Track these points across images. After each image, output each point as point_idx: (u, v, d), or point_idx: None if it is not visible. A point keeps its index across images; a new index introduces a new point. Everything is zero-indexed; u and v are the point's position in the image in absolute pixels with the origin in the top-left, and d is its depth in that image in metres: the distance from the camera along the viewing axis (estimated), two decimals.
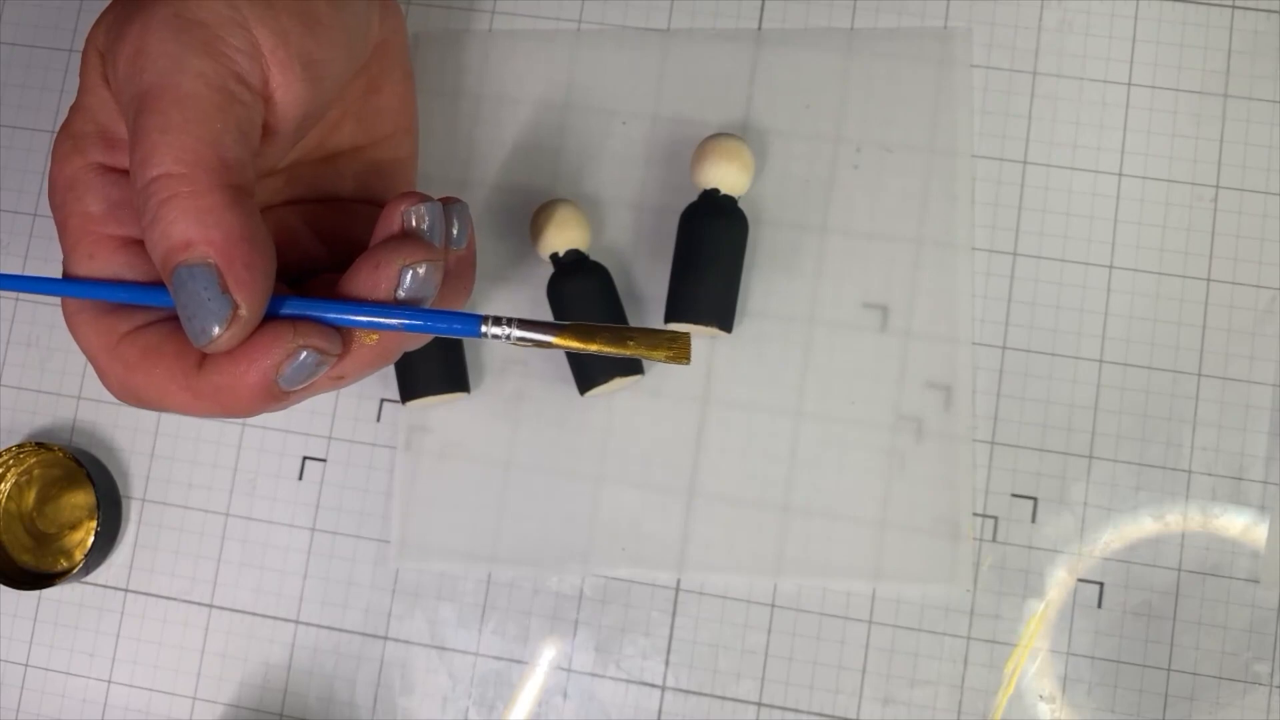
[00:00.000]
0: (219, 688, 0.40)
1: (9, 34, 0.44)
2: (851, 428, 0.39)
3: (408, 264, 0.27)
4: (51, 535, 0.42)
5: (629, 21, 0.42)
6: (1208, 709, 0.38)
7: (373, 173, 0.33)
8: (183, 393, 0.26)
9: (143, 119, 0.25)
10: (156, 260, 0.25)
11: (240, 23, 0.26)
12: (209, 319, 0.24)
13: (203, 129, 0.25)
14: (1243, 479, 0.38)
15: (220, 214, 0.24)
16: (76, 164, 0.27)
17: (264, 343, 0.25)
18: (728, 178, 0.37)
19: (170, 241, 0.24)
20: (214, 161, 0.25)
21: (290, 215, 0.32)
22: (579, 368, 0.38)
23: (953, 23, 0.41)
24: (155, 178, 0.24)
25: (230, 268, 0.24)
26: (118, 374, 0.27)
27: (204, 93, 0.25)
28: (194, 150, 0.24)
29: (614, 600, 0.40)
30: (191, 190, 0.24)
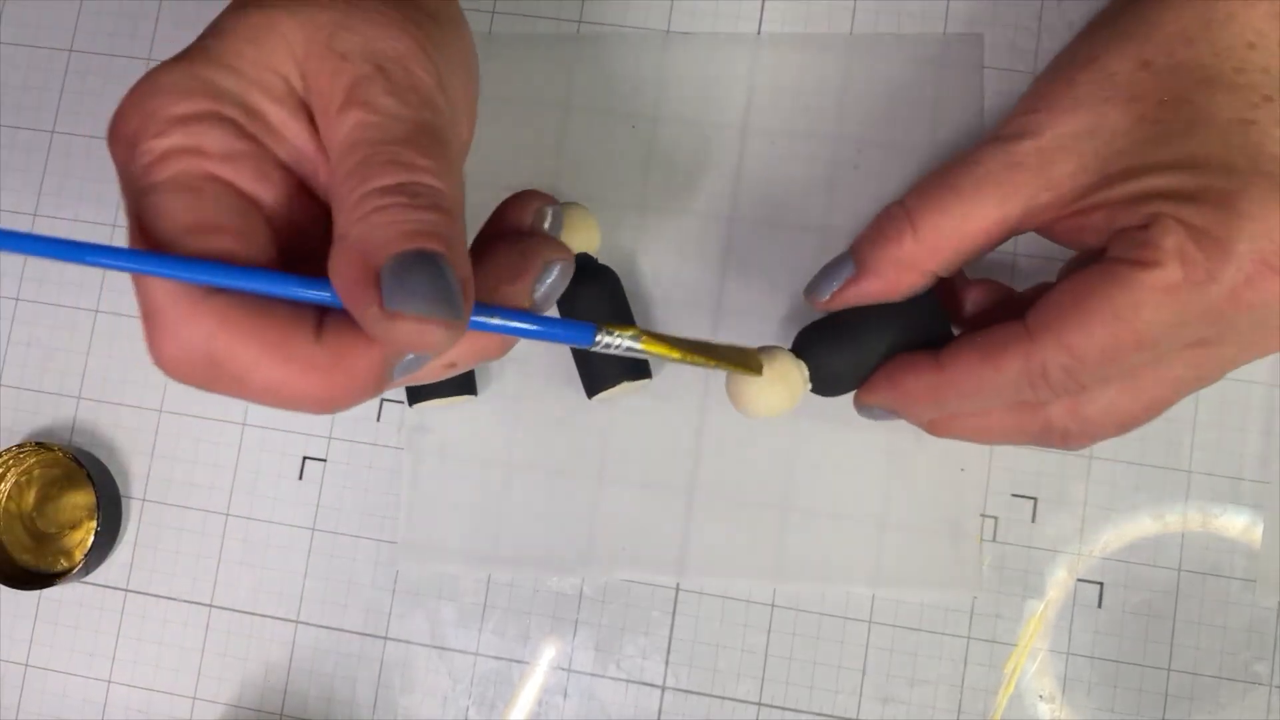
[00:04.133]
0: (219, 688, 0.40)
1: (9, 34, 0.44)
2: (852, 428, 0.39)
3: (551, 260, 0.27)
4: (51, 535, 0.42)
5: (629, 23, 0.42)
6: (1208, 709, 0.38)
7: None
8: (289, 363, 0.24)
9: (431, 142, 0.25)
10: (398, 232, 0.23)
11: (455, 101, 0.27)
12: (443, 303, 0.23)
13: (459, 179, 0.26)
14: (1242, 479, 0.38)
15: (464, 241, 0.25)
16: (201, 104, 0.25)
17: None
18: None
19: (437, 230, 0.24)
20: (462, 201, 0.25)
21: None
22: (587, 371, 0.38)
23: (953, 24, 0.41)
24: (441, 188, 0.24)
25: (468, 293, 0.24)
26: (201, 333, 0.24)
27: (461, 154, 0.27)
28: (457, 189, 0.25)
29: (614, 600, 0.40)
30: (460, 219, 0.25)
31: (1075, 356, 0.28)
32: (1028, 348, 0.29)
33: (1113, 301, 0.28)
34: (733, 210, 0.41)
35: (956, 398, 0.31)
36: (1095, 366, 0.28)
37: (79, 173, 0.43)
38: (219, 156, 0.25)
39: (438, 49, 0.27)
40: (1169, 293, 0.27)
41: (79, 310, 0.43)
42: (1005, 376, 0.30)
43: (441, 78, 0.26)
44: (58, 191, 0.43)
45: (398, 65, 0.26)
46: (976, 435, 0.33)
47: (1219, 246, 0.27)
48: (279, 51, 0.26)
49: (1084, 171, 0.29)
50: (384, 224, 0.23)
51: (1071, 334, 0.28)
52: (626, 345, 0.27)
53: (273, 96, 0.26)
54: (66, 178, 0.43)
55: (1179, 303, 0.27)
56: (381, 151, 0.24)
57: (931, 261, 0.31)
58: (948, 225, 0.31)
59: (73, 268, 0.43)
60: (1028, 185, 0.30)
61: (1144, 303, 0.27)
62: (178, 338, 0.24)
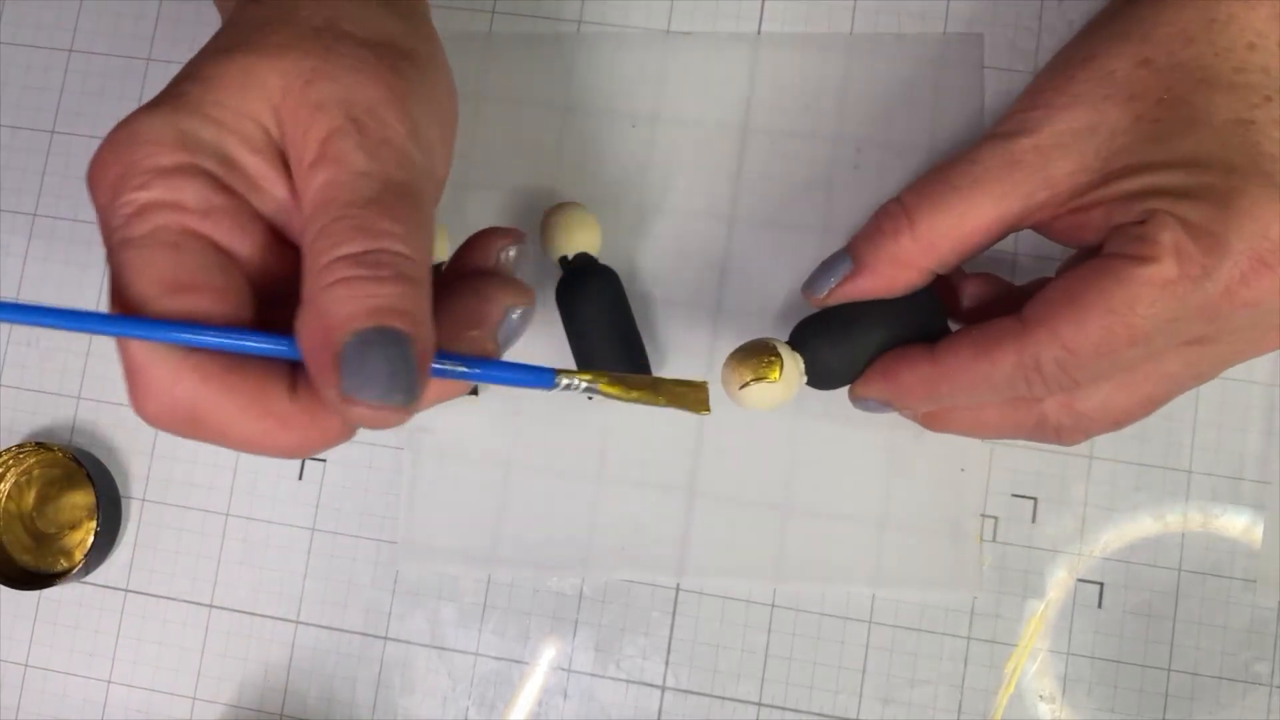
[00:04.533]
0: (219, 688, 0.40)
1: (9, 34, 0.44)
2: (852, 428, 0.39)
3: (511, 305, 0.28)
4: (51, 535, 0.42)
5: (629, 23, 0.42)
6: (1208, 709, 0.38)
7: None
8: (266, 419, 0.25)
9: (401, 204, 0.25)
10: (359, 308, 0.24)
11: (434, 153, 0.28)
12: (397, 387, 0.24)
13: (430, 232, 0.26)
14: (1242, 479, 0.38)
15: (427, 308, 0.25)
16: (181, 157, 0.25)
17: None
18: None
19: (396, 305, 0.24)
20: (429, 262, 0.26)
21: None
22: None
23: (953, 24, 0.41)
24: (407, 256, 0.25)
25: (425, 369, 0.25)
26: (182, 386, 0.24)
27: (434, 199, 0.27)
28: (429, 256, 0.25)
29: (614, 600, 0.40)
30: (426, 289, 0.25)
31: (1069, 351, 0.28)
32: (1022, 342, 0.29)
33: (1108, 296, 0.28)
34: (733, 210, 0.41)
35: (950, 391, 0.31)
36: (1089, 361, 0.28)
37: (79, 173, 0.43)
38: (198, 212, 0.25)
39: (415, 93, 0.27)
40: (1164, 288, 0.27)
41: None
42: (999, 371, 0.30)
43: (417, 125, 0.26)
44: (58, 191, 0.43)
45: (371, 116, 0.26)
46: (972, 430, 0.33)
47: (1215, 243, 0.27)
48: (258, 100, 0.26)
49: (1082, 170, 0.29)
50: (346, 297, 0.24)
51: (1066, 328, 0.28)
52: (585, 387, 0.28)
53: (251, 147, 0.26)
54: (66, 178, 0.43)
55: (1174, 298, 0.27)
56: (348, 215, 0.25)
57: (928, 259, 0.31)
58: (945, 223, 0.31)
59: (74, 260, 0.43)
60: (1026, 183, 0.30)
61: (1139, 298, 0.27)
62: (159, 395, 0.25)
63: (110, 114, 0.43)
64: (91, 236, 0.43)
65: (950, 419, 0.33)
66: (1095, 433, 0.32)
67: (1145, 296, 0.27)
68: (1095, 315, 0.28)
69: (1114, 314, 0.28)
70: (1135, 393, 0.31)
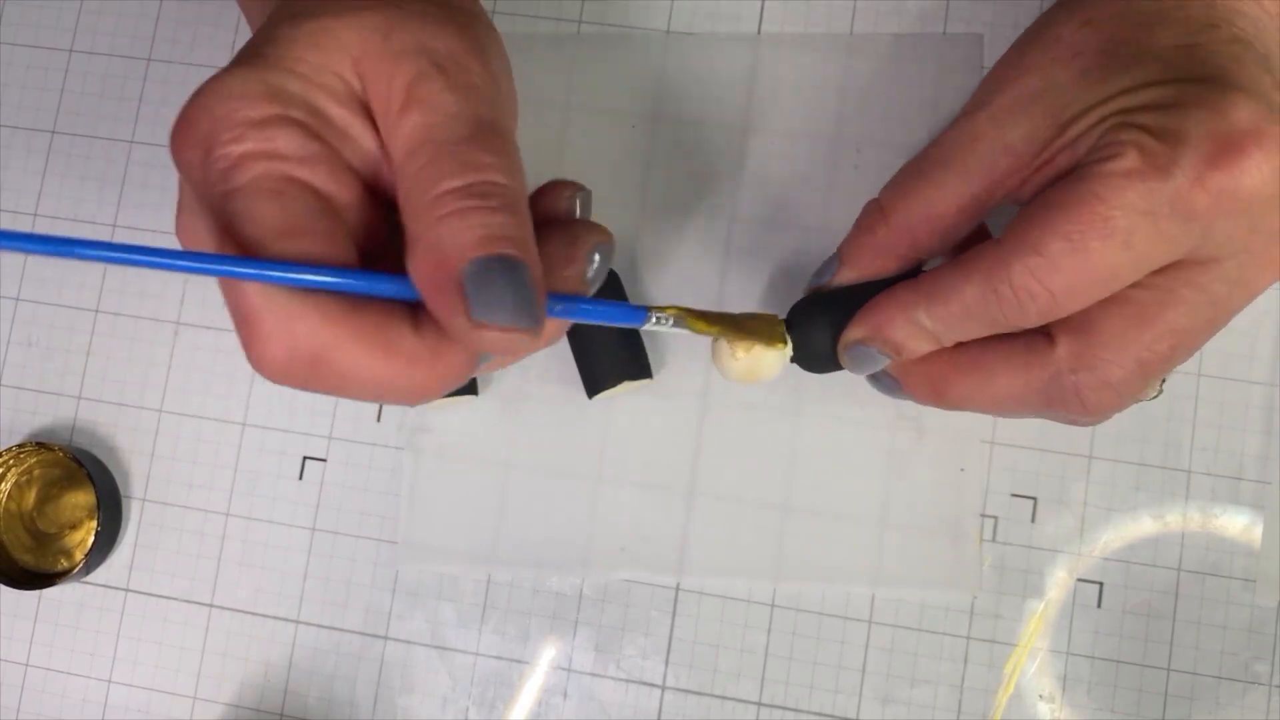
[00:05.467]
0: (219, 688, 0.40)
1: (9, 34, 0.44)
2: (852, 428, 0.39)
3: (598, 243, 0.28)
4: (51, 535, 0.42)
5: (629, 23, 0.42)
6: (1207, 709, 0.38)
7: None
8: (394, 359, 0.25)
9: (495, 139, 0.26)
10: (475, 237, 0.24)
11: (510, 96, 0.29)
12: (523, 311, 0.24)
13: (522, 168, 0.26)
14: (1242, 479, 0.38)
15: (533, 239, 0.25)
16: (271, 109, 0.25)
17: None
18: None
19: (510, 233, 0.24)
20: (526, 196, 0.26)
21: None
22: (587, 371, 0.38)
23: (953, 24, 0.41)
24: (511, 187, 0.25)
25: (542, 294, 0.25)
26: (306, 329, 0.24)
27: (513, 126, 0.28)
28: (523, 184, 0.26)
29: (614, 600, 0.40)
30: (527, 214, 0.26)
31: (1039, 252, 0.27)
32: (993, 250, 0.29)
33: (1073, 194, 0.27)
34: (733, 210, 0.41)
35: (928, 313, 0.30)
36: (1064, 265, 0.27)
37: (79, 173, 0.43)
38: (295, 159, 0.25)
39: (487, 46, 0.28)
40: (1129, 176, 0.27)
41: (79, 310, 0.43)
42: (971, 287, 0.29)
43: (495, 73, 0.27)
44: (58, 192, 0.43)
45: (453, 62, 0.26)
46: (983, 399, 0.32)
47: (1173, 136, 0.27)
48: (338, 56, 0.26)
49: (1037, 130, 0.30)
50: (460, 228, 0.24)
51: (1035, 231, 0.28)
52: (672, 322, 0.30)
53: (336, 99, 0.26)
54: (66, 178, 0.43)
55: (1143, 189, 0.27)
56: (448, 151, 0.25)
57: (903, 245, 0.32)
58: (916, 209, 0.31)
59: (75, 264, 0.43)
60: (986, 154, 0.30)
61: (1106, 189, 0.27)
62: (281, 340, 0.24)
63: (110, 114, 0.43)
64: (92, 237, 0.43)
65: (959, 384, 0.32)
66: (1119, 390, 0.30)
67: (1112, 186, 0.27)
68: (1064, 210, 0.27)
69: (1081, 205, 0.27)
70: (1151, 324, 0.29)
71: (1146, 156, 0.27)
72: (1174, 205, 0.27)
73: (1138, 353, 0.29)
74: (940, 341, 0.31)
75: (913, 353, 0.32)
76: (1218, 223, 0.27)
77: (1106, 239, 0.27)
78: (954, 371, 0.32)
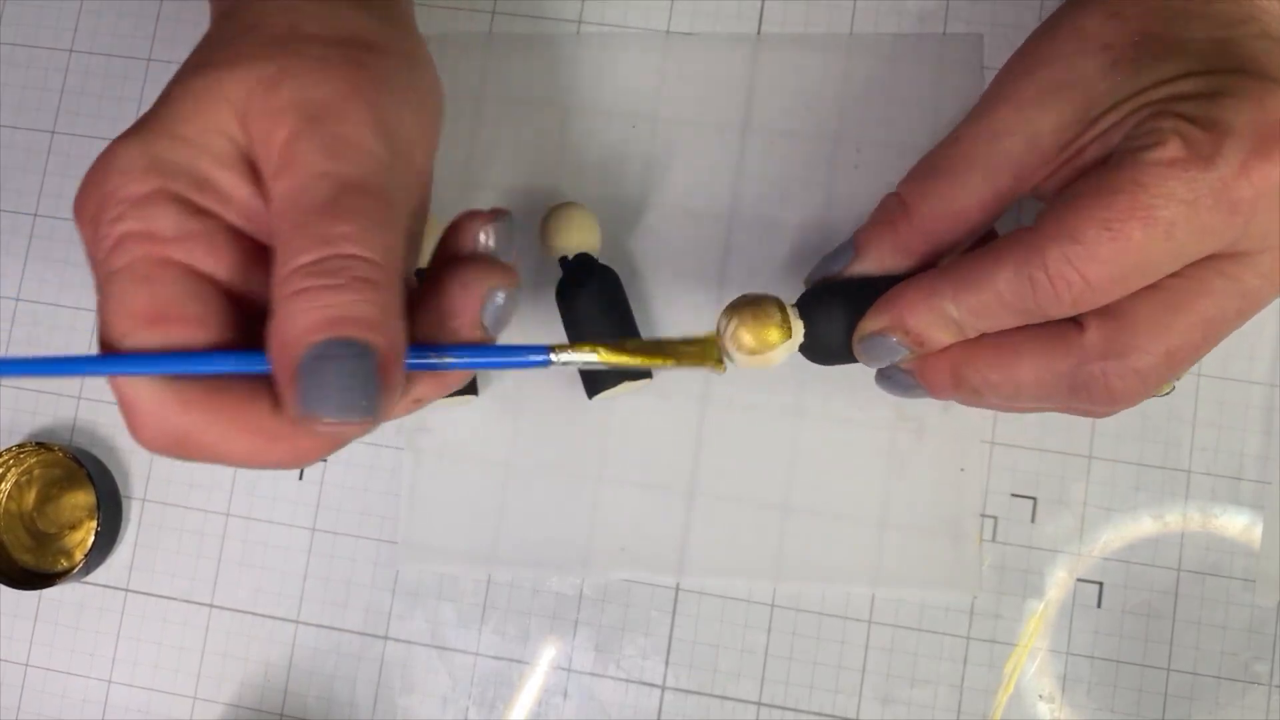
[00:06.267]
0: (219, 688, 0.40)
1: (9, 34, 0.44)
2: (852, 428, 0.39)
3: (494, 287, 0.27)
4: (51, 535, 0.42)
5: (629, 23, 0.42)
6: (1207, 709, 0.38)
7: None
8: (254, 436, 0.25)
9: (353, 201, 0.25)
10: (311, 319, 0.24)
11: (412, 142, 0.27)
12: (353, 400, 0.24)
13: (401, 241, 0.25)
14: (1242, 479, 0.38)
15: (400, 322, 0.25)
16: (151, 183, 0.25)
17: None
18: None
19: (346, 311, 0.24)
20: (401, 275, 0.25)
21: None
22: (588, 371, 0.38)
23: (953, 24, 0.41)
24: (362, 257, 0.24)
25: (390, 372, 0.24)
26: (169, 414, 0.25)
27: (404, 206, 0.26)
28: (396, 254, 0.25)
29: (614, 600, 0.40)
30: (388, 286, 0.24)
31: (1077, 240, 0.27)
32: (1027, 237, 0.28)
33: (1113, 181, 0.26)
34: (733, 210, 0.41)
35: (954, 302, 0.29)
36: (1103, 255, 0.27)
37: (79, 173, 0.43)
38: (171, 239, 0.25)
39: (384, 84, 0.27)
40: (1172, 165, 0.26)
41: (79, 310, 0.43)
42: (1004, 274, 0.28)
43: (383, 116, 0.26)
44: (58, 192, 0.43)
45: (330, 112, 0.25)
46: (1006, 392, 0.30)
47: (1217, 126, 0.26)
48: (224, 113, 0.26)
49: (1064, 124, 0.29)
50: (301, 309, 0.24)
51: (1072, 217, 0.27)
52: (583, 360, 0.28)
53: (222, 162, 0.26)
54: (66, 178, 0.43)
55: (1186, 178, 0.26)
56: (302, 223, 0.24)
57: (925, 244, 0.31)
58: (939, 207, 0.30)
59: (74, 260, 0.43)
60: (1011, 150, 0.29)
61: (1148, 178, 0.26)
62: (149, 426, 0.25)
63: (110, 114, 0.43)
64: None
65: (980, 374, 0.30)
66: (1145, 377, 0.29)
67: (1155, 174, 0.26)
68: (1102, 198, 0.26)
69: (1121, 194, 0.26)
70: (1184, 313, 0.28)
71: (1190, 145, 0.26)
72: (1217, 196, 0.26)
73: (1169, 341, 0.28)
74: (964, 333, 0.30)
75: (935, 344, 0.30)
76: (1259, 215, 0.27)
77: (1148, 228, 0.26)
78: (976, 358, 0.30)
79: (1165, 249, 0.27)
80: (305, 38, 0.27)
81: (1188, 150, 0.26)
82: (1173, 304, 0.28)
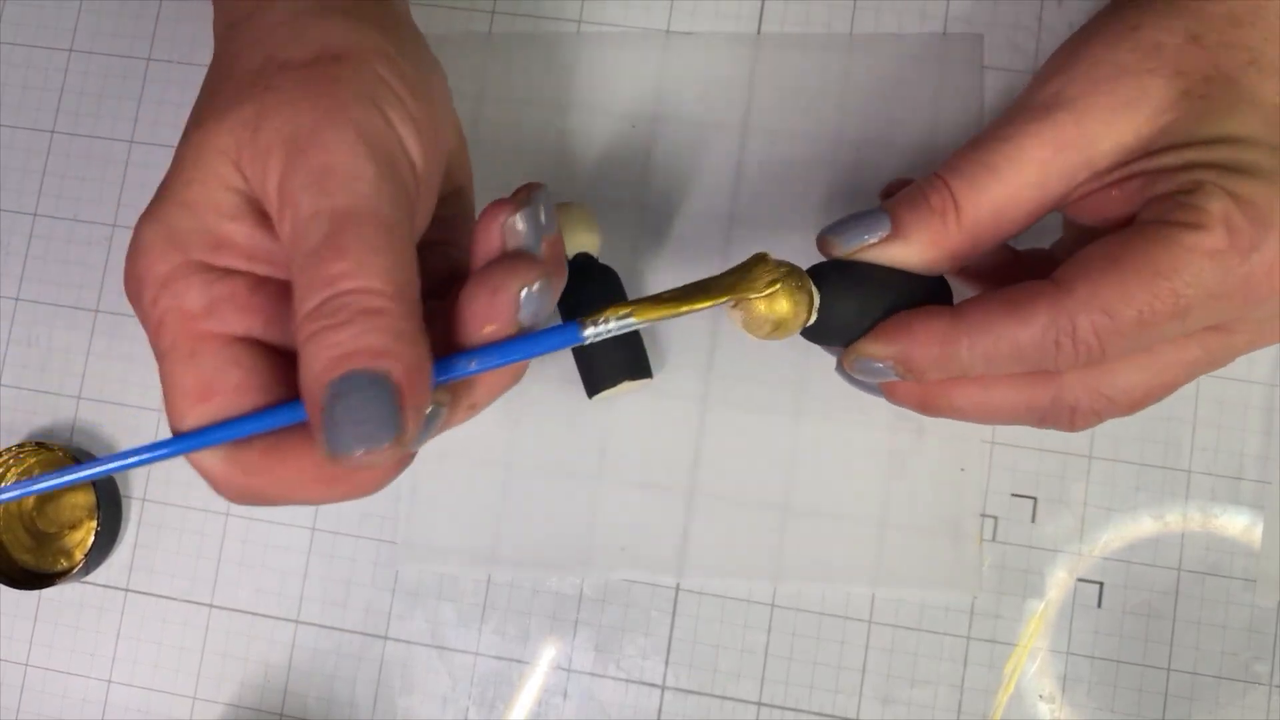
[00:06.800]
0: (219, 688, 0.40)
1: (9, 34, 0.44)
2: (851, 428, 0.39)
3: (524, 284, 0.26)
4: (51, 535, 0.42)
5: (629, 23, 0.42)
6: (1207, 709, 0.38)
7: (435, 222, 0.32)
8: (314, 484, 0.26)
9: (345, 236, 0.24)
10: (323, 361, 0.24)
11: (402, 144, 0.26)
12: (376, 430, 0.24)
13: (404, 256, 0.25)
14: (1242, 479, 0.38)
15: (414, 339, 0.25)
16: (174, 259, 0.26)
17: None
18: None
19: (355, 346, 0.24)
20: (411, 290, 0.25)
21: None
22: (587, 371, 0.38)
23: (953, 24, 0.41)
24: (363, 290, 0.24)
25: (412, 391, 0.24)
26: (237, 481, 0.26)
27: (401, 219, 0.25)
28: (399, 274, 0.25)
29: (614, 600, 0.40)
30: (395, 310, 0.24)
31: (1109, 315, 0.27)
32: (1059, 302, 0.27)
33: (1155, 260, 0.27)
34: (733, 210, 0.41)
35: (969, 351, 0.29)
36: (1128, 330, 0.27)
37: (79, 173, 0.43)
38: (201, 313, 0.26)
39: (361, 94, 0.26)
40: (1213, 257, 0.26)
41: (79, 310, 0.43)
42: (1028, 331, 0.28)
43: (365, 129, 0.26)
44: (58, 192, 0.43)
45: (312, 141, 0.25)
46: (976, 411, 0.31)
47: (1262, 217, 0.26)
48: (220, 166, 0.26)
49: (1125, 148, 0.28)
50: (313, 356, 0.24)
51: (1108, 290, 0.27)
52: (619, 325, 0.27)
53: (231, 216, 0.26)
54: (66, 178, 0.43)
55: (1222, 270, 0.26)
56: (303, 268, 0.25)
57: (967, 244, 0.30)
58: (987, 209, 0.29)
59: (74, 260, 0.43)
60: (1069, 165, 0.29)
61: (1187, 264, 0.26)
62: (227, 490, 0.27)
63: (110, 114, 0.43)
64: (91, 236, 0.43)
65: (954, 397, 0.31)
66: (1108, 415, 0.30)
67: (1194, 264, 0.26)
68: (1140, 279, 0.27)
69: (1160, 278, 0.26)
70: (1157, 375, 0.29)
71: (1234, 235, 0.26)
72: (1240, 286, 0.27)
73: (1140, 391, 0.30)
74: (967, 374, 0.30)
75: (929, 378, 0.30)
76: (1260, 303, 0.28)
77: (1176, 317, 0.27)
78: (952, 389, 0.31)
79: (1179, 328, 0.28)
80: (280, 67, 0.26)
81: (1230, 240, 0.26)
82: (1147, 365, 0.29)
